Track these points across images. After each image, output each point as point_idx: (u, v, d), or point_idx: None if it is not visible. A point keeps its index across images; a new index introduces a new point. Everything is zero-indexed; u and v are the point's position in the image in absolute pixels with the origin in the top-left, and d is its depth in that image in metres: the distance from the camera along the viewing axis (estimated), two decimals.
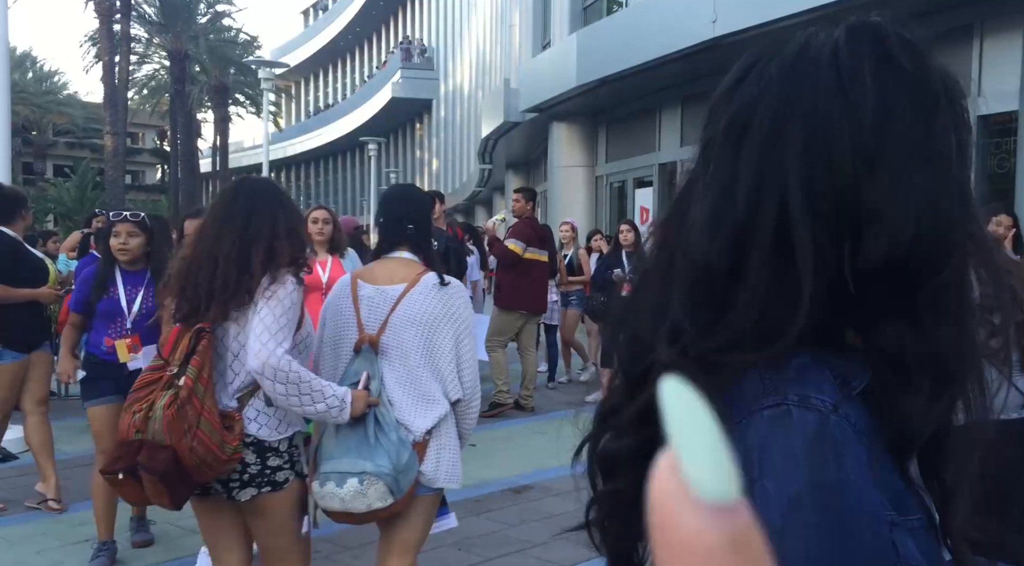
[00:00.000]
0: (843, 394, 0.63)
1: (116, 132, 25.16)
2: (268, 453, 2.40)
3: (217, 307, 2.35)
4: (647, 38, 10.40)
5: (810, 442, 0.58)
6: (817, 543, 0.56)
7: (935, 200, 0.63)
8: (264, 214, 2.40)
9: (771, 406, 0.61)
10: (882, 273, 0.63)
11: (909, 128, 0.64)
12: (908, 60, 0.66)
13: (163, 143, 44.31)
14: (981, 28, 7.54)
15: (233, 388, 2.41)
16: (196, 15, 33.31)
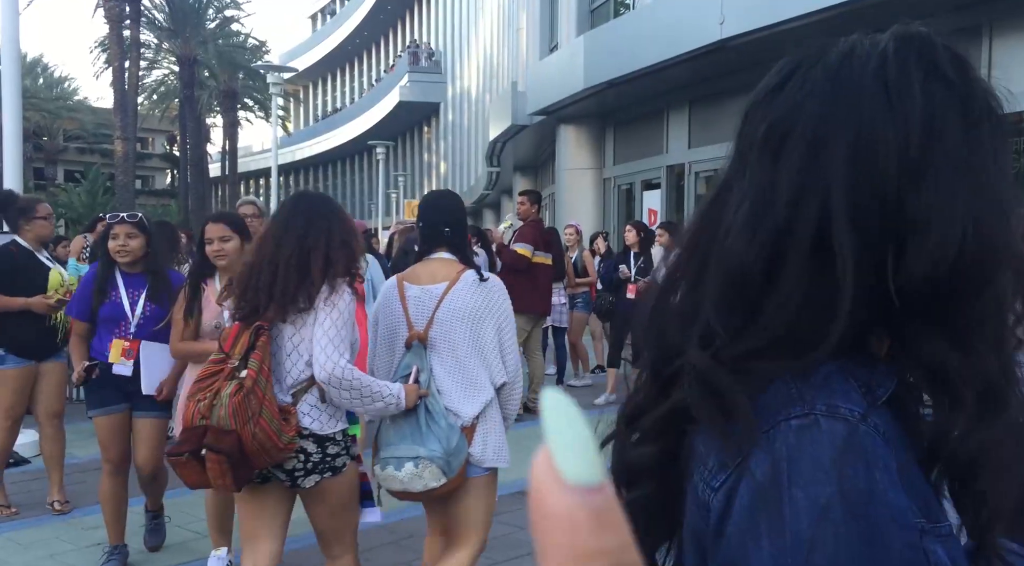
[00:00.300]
0: (869, 403, 0.62)
1: (126, 137, 25.29)
2: (327, 442, 2.62)
3: (275, 308, 2.55)
4: (654, 40, 10.40)
5: (839, 452, 0.59)
6: (847, 553, 0.56)
7: (979, 218, 0.62)
8: (321, 225, 2.62)
9: (799, 416, 0.61)
10: (922, 287, 0.62)
11: (956, 144, 0.64)
12: (956, 74, 0.66)
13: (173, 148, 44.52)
14: (990, 29, 7.52)
15: (287, 384, 2.60)
16: (205, 20, 33.47)
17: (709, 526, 0.64)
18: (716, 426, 0.64)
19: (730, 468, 0.63)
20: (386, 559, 4.03)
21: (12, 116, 6.83)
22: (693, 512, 0.66)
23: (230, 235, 3.31)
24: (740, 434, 0.62)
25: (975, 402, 0.62)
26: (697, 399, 0.65)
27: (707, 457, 0.66)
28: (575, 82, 12.45)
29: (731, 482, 0.62)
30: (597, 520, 0.27)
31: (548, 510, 0.27)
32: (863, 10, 7.12)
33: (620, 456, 0.74)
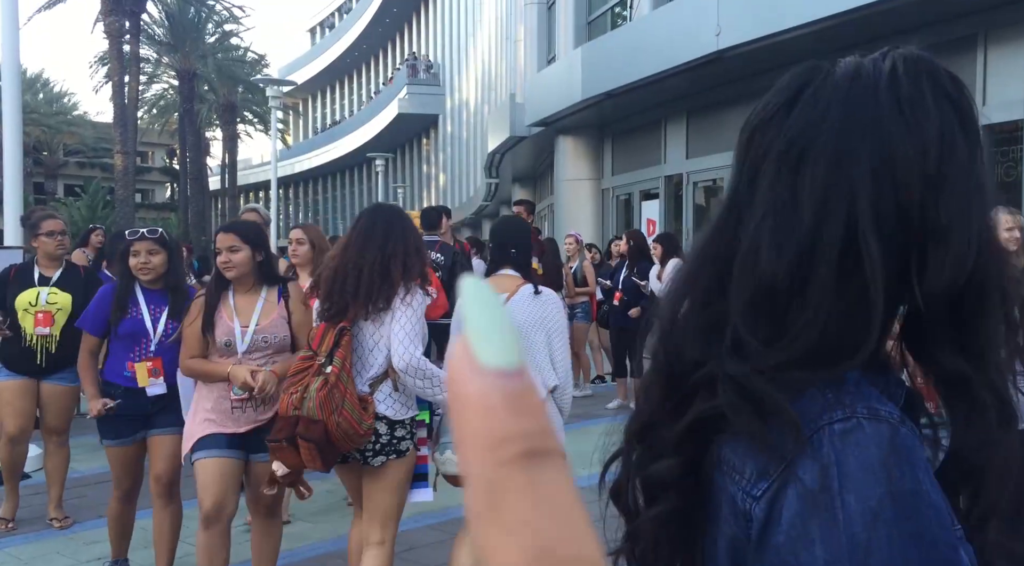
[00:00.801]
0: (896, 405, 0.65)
1: (126, 151, 25.31)
2: (396, 426, 2.96)
3: (358, 308, 2.89)
4: (651, 51, 10.45)
5: (885, 453, 0.60)
6: (901, 554, 0.57)
7: (985, 228, 0.66)
8: (398, 235, 2.99)
9: (841, 420, 0.62)
10: (943, 296, 0.64)
11: (964, 158, 0.67)
12: (956, 94, 0.69)
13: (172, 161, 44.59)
14: (985, 38, 7.56)
15: (366, 377, 2.95)
16: (204, 35, 33.58)
17: (750, 535, 0.64)
18: (756, 433, 0.64)
19: (772, 476, 0.63)
20: None
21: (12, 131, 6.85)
22: (731, 523, 0.67)
23: (239, 245, 3.23)
24: (784, 440, 0.63)
25: (997, 412, 0.64)
26: (736, 407, 0.66)
27: (743, 466, 0.66)
28: (573, 93, 12.49)
29: (775, 489, 0.63)
30: (513, 404, 0.26)
31: (463, 394, 0.27)
32: (859, 20, 7.15)
33: (636, 471, 0.74)
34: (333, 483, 5.61)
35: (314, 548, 4.36)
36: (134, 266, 3.62)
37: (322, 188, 52.25)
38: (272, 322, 3.31)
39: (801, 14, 7.72)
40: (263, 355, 3.31)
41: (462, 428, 0.27)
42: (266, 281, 3.36)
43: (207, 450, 3.25)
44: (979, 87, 7.54)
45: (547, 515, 0.26)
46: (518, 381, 0.27)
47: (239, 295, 3.30)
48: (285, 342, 3.34)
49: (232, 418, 3.28)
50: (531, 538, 0.25)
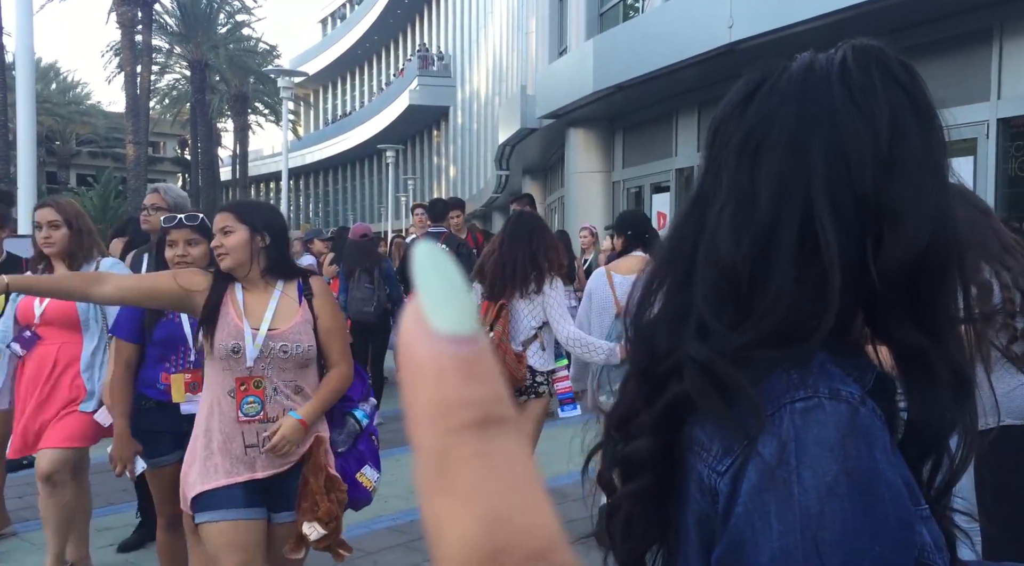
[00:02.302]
0: (863, 387, 0.66)
1: (138, 141, 25.43)
2: (538, 375, 3.97)
3: (512, 289, 3.89)
4: (663, 44, 10.40)
5: (843, 432, 0.62)
6: (853, 528, 0.59)
7: (941, 209, 0.67)
8: (541, 234, 4.00)
9: (803, 399, 0.64)
10: (898, 275, 0.66)
11: (916, 142, 0.69)
12: (907, 80, 0.71)
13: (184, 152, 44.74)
14: (1000, 31, 7.48)
15: (519, 339, 3.93)
16: (216, 25, 33.64)
17: (718, 510, 0.66)
18: (720, 412, 0.67)
19: (736, 452, 0.65)
20: (396, 561, 4.05)
21: (26, 120, 6.89)
22: (697, 499, 0.69)
23: (234, 226, 2.59)
24: (746, 419, 0.65)
25: (952, 386, 0.66)
26: (700, 388, 0.68)
27: (710, 444, 0.68)
28: (584, 85, 12.45)
29: (737, 465, 0.65)
30: (466, 369, 0.25)
31: (414, 359, 0.26)
32: (872, 13, 7.10)
33: (613, 455, 0.77)
34: None
35: None
36: (170, 258, 3.00)
37: (332, 179, 52.33)
38: (294, 327, 2.59)
39: (814, 6, 7.67)
40: (280, 370, 2.57)
41: (412, 394, 0.26)
42: (280, 274, 2.65)
43: (218, 510, 2.51)
44: (994, 81, 7.47)
45: (502, 483, 0.25)
46: (471, 346, 0.26)
47: (247, 291, 2.62)
48: (310, 354, 2.61)
49: (246, 460, 2.54)
50: (485, 506, 0.25)
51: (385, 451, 6.14)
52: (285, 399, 2.59)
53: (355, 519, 4.63)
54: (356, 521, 4.60)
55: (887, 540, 0.59)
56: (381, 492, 5.21)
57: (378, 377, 7.39)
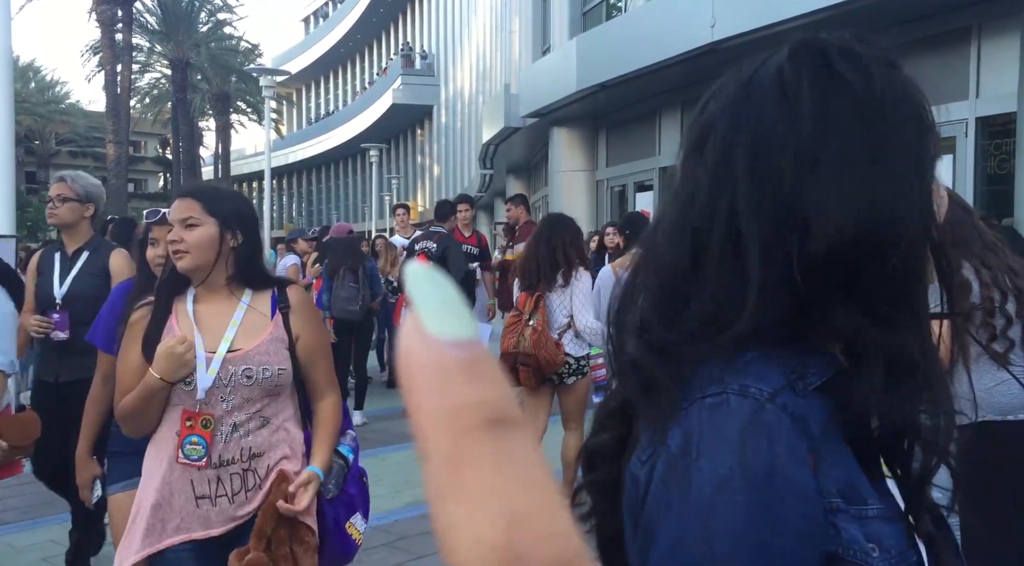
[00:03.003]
0: (792, 386, 0.67)
1: (118, 141, 25.22)
2: (580, 358, 4.51)
3: (545, 283, 4.45)
4: (646, 43, 10.43)
5: (743, 427, 0.63)
6: (744, 521, 0.61)
7: (875, 199, 0.68)
8: (562, 232, 4.54)
9: (713, 394, 0.66)
10: (831, 267, 0.67)
11: (849, 133, 0.69)
12: (851, 71, 0.71)
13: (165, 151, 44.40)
14: (979, 30, 7.56)
15: (555, 328, 4.45)
16: (197, 24, 33.40)
17: (638, 498, 0.69)
18: (642, 406, 0.70)
19: (656, 444, 0.69)
20: (381, 561, 4.04)
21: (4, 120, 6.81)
22: (629, 489, 0.71)
23: (201, 218, 2.11)
24: (664, 412, 0.68)
25: (884, 371, 0.66)
26: (630, 383, 0.71)
27: (641, 436, 0.71)
28: (568, 84, 12.46)
29: (654, 456, 0.68)
30: (470, 370, 0.25)
31: (417, 367, 0.25)
32: (853, 12, 7.15)
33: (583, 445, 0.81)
34: None
35: None
36: (151, 258, 2.65)
37: (316, 178, 52.10)
38: (260, 347, 2.10)
39: (796, 6, 7.72)
40: (244, 401, 2.08)
41: (417, 402, 0.26)
42: (249, 281, 2.16)
43: None
44: (973, 79, 7.55)
45: (514, 483, 0.24)
46: (473, 349, 0.26)
47: (203, 302, 2.13)
48: (282, 380, 2.12)
49: (199, 516, 2.06)
50: (500, 506, 0.24)
51: (370, 450, 6.15)
52: (246, 436, 2.08)
53: None
54: None
55: (785, 533, 0.61)
56: None
57: (362, 377, 7.37)
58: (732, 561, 0.61)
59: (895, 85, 0.71)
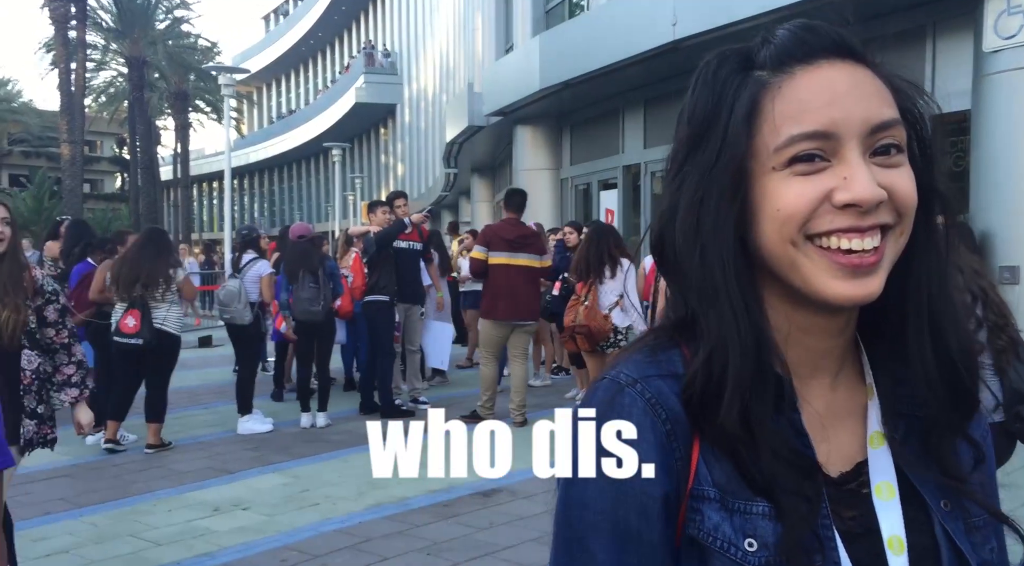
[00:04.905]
0: (663, 375, 0.71)
1: (73, 140, 24.72)
2: (624, 328, 5.90)
3: (596, 276, 6.12)
4: (609, 41, 10.46)
5: (601, 408, 0.70)
6: (595, 491, 0.68)
7: (675, 208, 0.73)
8: (607, 237, 6.30)
9: (603, 378, 0.73)
10: (668, 266, 0.75)
11: (679, 145, 0.75)
12: (698, 81, 0.74)
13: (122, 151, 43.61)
14: (934, 29, 7.70)
15: (604, 306, 6.04)
16: (154, 21, 32.85)
17: None
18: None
19: None
20: (345, 563, 3.98)
21: None
22: None
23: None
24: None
25: (705, 354, 0.69)
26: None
27: None
28: (531, 83, 12.46)
29: None
30: None
31: None
32: (812, 11, 7.21)
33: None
34: (290, 475, 5.55)
35: (271, 541, 4.29)
36: None
37: (278, 178, 51.54)
38: None
39: (756, 5, 7.79)
40: None
41: None
42: None
43: None
44: (928, 77, 7.68)
45: None
46: None
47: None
48: None
49: None
50: None
51: (332, 453, 6.09)
52: None
53: (302, 522, 4.55)
54: (304, 524, 4.52)
55: (629, 508, 0.67)
56: (327, 494, 5.16)
57: (324, 379, 7.28)
58: (585, 529, 0.68)
59: (716, 93, 0.72)
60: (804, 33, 0.72)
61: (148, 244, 6.30)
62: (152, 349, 6.10)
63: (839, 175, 0.67)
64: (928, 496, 0.73)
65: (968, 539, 0.73)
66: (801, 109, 0.67)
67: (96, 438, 6.45)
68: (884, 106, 0.69)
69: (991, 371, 2.41)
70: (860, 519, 0.71)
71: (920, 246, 0.72)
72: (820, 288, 0.68)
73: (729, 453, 0.69)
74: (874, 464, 0.73)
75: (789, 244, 0.68)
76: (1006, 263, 6.39)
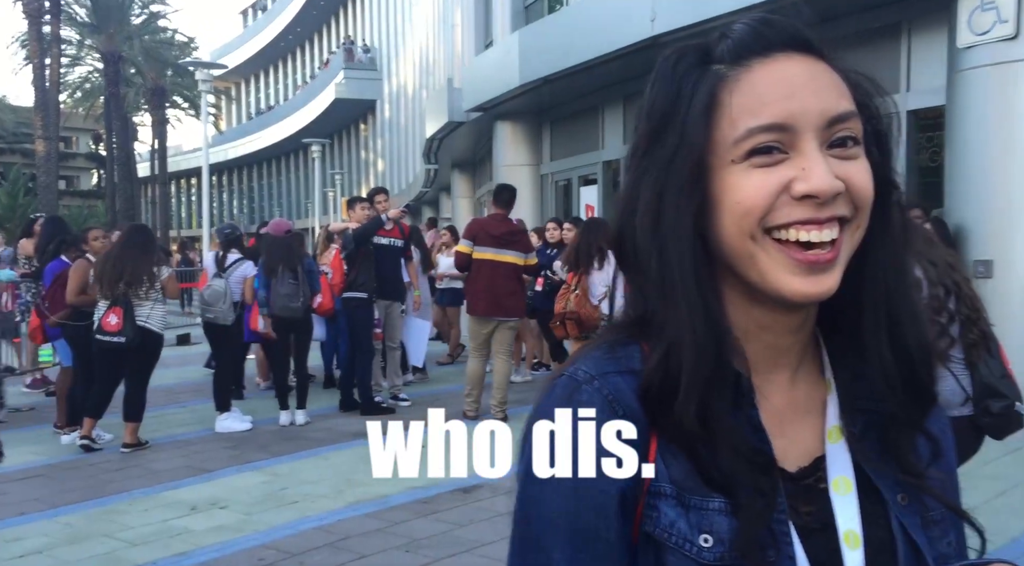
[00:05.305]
0: (622, 372, 0.70)
1: (48, 136, 24.42)
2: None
3: (585, 267, 6.24)
4: (588, 37, 10.46)
5: (558, 404, 0.69)
6: (552, 488, 0.68)
7: (635, 201, 0.71)
8: (597, 230, 6.33)
9: (563, 373, 0.73)
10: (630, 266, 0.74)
11: (636, 145, 0.73)
12: (676, 72, 0.72)
13: (99, 147, 43.12)
14: (909, 26, 7.76)
15: (595, 295, 6.16)
16: (130, 16, 32.50)
17: None
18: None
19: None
20: (323, 561, 3.96)
21: None
22: None
23: None
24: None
25: (663, 350, 0.69)
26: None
27: None
28: (511, 78, 12.43)
29: None
30: None
31: None
32: (790, 8, 7.24)
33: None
34: (268, 474, 5.51)
35: (248, 540, 4.27)
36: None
37: (257, 175, 51.16)
38: None
39: (733, 0, 7.82)
40: None
41: None
42: None
43: None
44: (903, 73, 7.75)
45: None
46: None
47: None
48: None
49: None
50: None
51: (311, 450, 6.06)
52: None
53: (280, 520, 4.53)
54: (281, 522, 4.50)
55: (586, 504, 0.68)
56: (306, 492, 5.14)
57: (303, 377, 7.24)
58: (543, 527, 0.69)
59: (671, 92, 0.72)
60: (761, 27, 0.72)
61: (132, 241, 6.25)
62: (135, 347, 6.04)
63: (798, 166, 0.66)
64: (885, 490, 0.72)
65: (925, 533, 0.72)
66: (759, 102, 0.67)
67: (72, 437, 6.39)
68: (841, 99, 0.69)
69: (962, 365, 2.43)
70: (817, 514, 0.71)
71: (877, 241, 0.71)
72: (777, 284, 0.67)
73: (686, 450, 0.68)
74: (832, 459, 0.73)
75: (748, 238, 0.67)
76: (980, 257, 6.46)
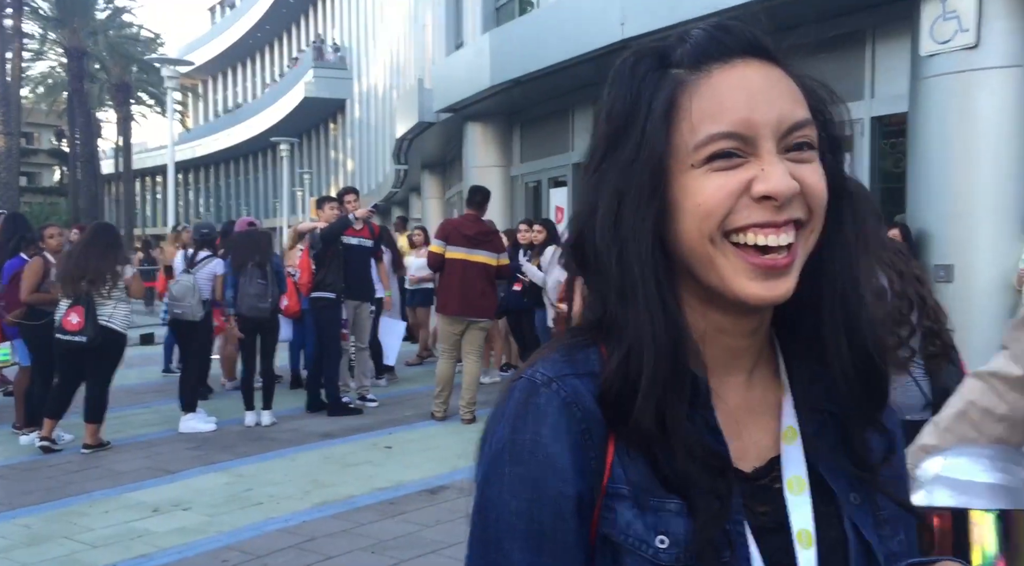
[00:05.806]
0: (580, 375, 0.70)
1: (9, 132, 23.97)
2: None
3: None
4: (558, 39, 10.49)
5: (516, 407, 0.70)
6: (509, 490, 0.68)
7: (595, 204, 0.72)
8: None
9: (521, 377, 0.72)
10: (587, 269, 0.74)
11: (595, 148, 0.73)
12: (634, 75, 0.74)
13: (61, 143, 42.35)
14: (873, 34, 7.89)
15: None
16: (94, 11, 31.95)
17: None
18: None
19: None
20: (288, 563, 3.93)
21: None
22: None
23: None
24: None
25: (622, 353, 0.69)
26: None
27: None
28: (481, 79, 12.43)
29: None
30: None
31: None
32: (758, 14, 7.34)
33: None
34: (233, 475, 5.45)
35: (212, 541, 4.22)
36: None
37: (224, 173, 50.55)
38: None
39: (702, 5, 7.87)
40: None
41: None
42: None
43: None
44: (868, 80, 7.87)
45: None
46: None
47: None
48: None
49: None
50: None
51: (277, 451, 6.00)
52: None
53: (245, 522, 4.48)
54: (246, 524, 4.45)
55: (544, 507, 0.67)
56: (271, 493, 5.08)
57: (269, 377, 7.17)
58: (500, 529, 0.68)
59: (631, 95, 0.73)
60: (720, 33, 0.73)
61: (95, 240, 6.14)
62: (96, 347, 5.93)
63: (756, 168, 0.67)
64: (838, 490, 0.74)
65: (876, 532, 0.74)
66: (719, 108, 0.68)
67: (30, 438, 6.27)
68: (797, 106, 0.70)
69: (922, 371, 2.47)
70: (772, 514, 0.72)
71: (832, 245, 0.73)
72: (735, 288, 0.68)
73: (644, 452, 0.68)
74: (786, 459, 0.74)
75: (708, 242, 0.68)
76: (941, 262, 6.59)
